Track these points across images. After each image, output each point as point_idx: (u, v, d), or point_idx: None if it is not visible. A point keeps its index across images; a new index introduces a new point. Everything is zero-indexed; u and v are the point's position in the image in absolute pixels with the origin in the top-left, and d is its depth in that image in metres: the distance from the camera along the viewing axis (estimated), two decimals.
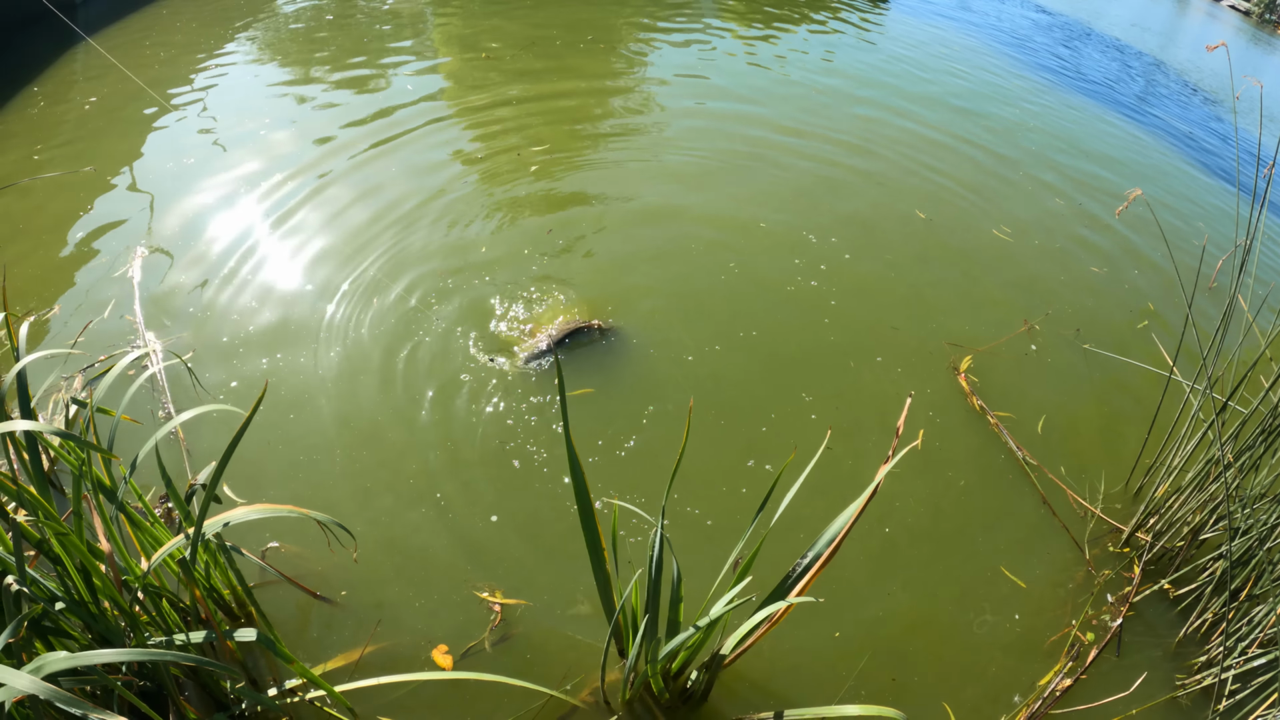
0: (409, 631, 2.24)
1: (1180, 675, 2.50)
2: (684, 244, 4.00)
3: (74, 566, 1.84)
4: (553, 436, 2.86)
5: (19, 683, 1.42)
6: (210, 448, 2.68)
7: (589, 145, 4.96)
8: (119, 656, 1.48)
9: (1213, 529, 2.74)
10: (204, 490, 1.94)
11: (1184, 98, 8.23)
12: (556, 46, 6.43)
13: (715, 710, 2.17)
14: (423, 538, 2.50)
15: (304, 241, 3.78)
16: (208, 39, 6.12)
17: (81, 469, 1.82)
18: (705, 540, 2.59)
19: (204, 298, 3.35)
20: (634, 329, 3.39)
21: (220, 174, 4.24)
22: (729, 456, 2.89)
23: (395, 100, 5.24)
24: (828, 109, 5.81)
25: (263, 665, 2.16)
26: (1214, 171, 6.28)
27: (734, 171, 4.77)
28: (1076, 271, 4.32)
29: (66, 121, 4.66)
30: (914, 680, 2.33)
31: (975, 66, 7.33)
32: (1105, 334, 3.80)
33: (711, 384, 3.18)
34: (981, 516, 2.84)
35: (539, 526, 2.58)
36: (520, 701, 2.11)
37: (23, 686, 1.41)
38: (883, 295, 3.82)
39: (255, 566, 2.33)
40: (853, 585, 2.56)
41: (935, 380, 3.35)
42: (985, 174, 5.24)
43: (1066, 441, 3.18)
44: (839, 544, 1.88)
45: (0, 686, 1.45)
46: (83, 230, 3.72)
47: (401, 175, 4.36)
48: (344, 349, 3.15)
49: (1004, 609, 2.58)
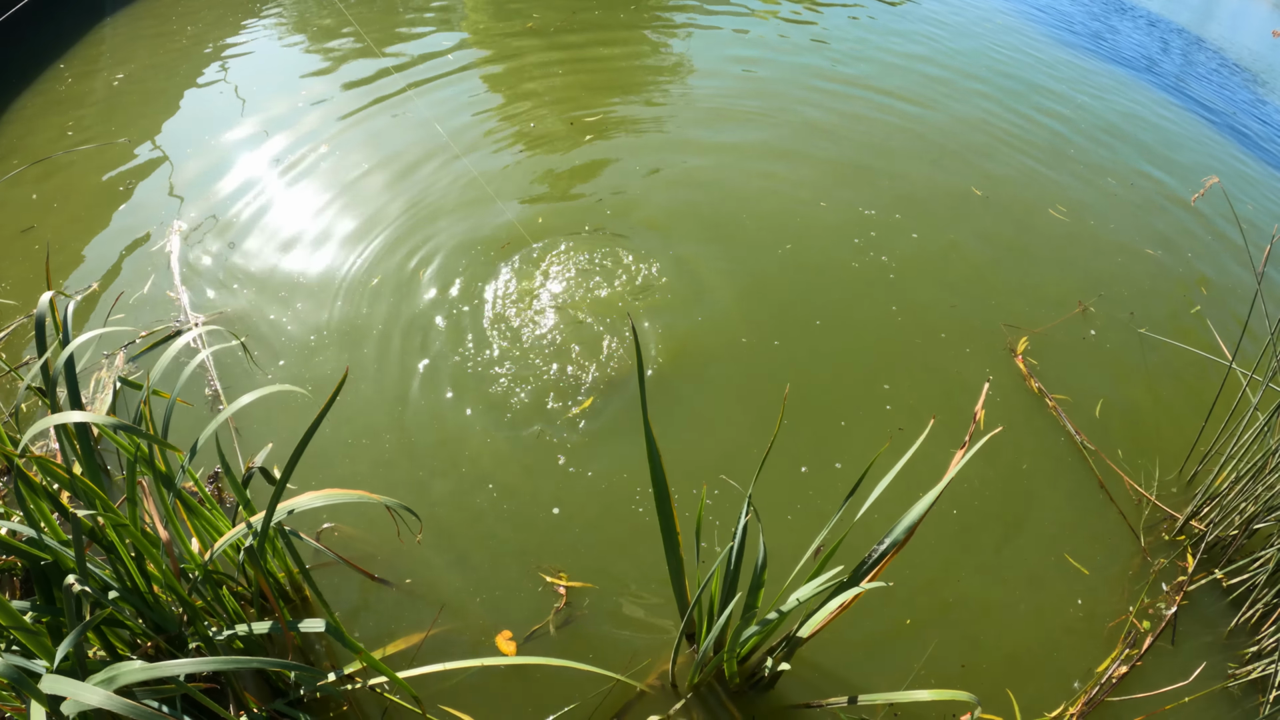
0: (471, 616, 2.20)
1: (1232, 665, 2.50)
2: (740, 219, 3.88)
3: (128, 555, 1.76)
4: (616, 424, 2.77)
5: (91, 698, 1.33)
6: (260, 425, 2.58)
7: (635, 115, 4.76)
8: (196, 667, 1.41)
9: (1266, 519, 2.73)
10: (264, 476, 1.85)
11: (1224, 77, 8.00)
12: (595, 16, 6.12)
13: (783, 695, 2.15)
14: (485, 523, 2.43)
15: (345, 215, 3.65)
16: (237, 14, 5.80)
17: (136, 455, 1.72)
18: (781, 529, 2.55)
19: (245, 272, 3.22)
20: (693, 307, 3.29)
21: (255, 147, 4.09)
22: (801, 444, 2.84)
23: (437, 70, 4.99)
24: (874, 86, 5.58)
25: (320, 649, 2.11)
26: (1264, 155, 6.13)
27: (786, 145, 4.60)
28: (1132, 253, 4.21)
29: (96, 97, 4.44)
30: (982, 665, 2.32)
31: (1015, 44, 7.03)
32: (1160, 317, 3.73)
33: (782, 369, 3.11)
34: (1042, 501, 2.81)
35: (606, 511, 2.52)
36: (586, 686, 2.08)
37: (96, 701, 1.33)
38: (944, 273, 3.73)
39: (310, 548, 2.26)
40: (923, 569, 2.53)
41: (995, 362, 3.29)
42: (1039, 151, 5.07)
43: (1122, 426, 3.13)
44: (914, 530, 1.83)
45: (62, 700, 1.37)
46: (117, 205, 3.58)
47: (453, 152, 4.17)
48: (394, 325, 3.04)
49: (1066, 595, 2.57)
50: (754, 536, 2.45)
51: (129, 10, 5.79)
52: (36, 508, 1.66)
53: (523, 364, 2.93)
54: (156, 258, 3.21)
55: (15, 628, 1.53)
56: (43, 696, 1.30)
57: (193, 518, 1.88)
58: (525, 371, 2.90)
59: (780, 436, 2.82)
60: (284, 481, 1.58)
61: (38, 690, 1.34)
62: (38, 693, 1.30)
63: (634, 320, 3.06)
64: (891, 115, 5.14)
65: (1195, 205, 4.65)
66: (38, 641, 1.65)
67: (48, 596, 1.76)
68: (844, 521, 1.93)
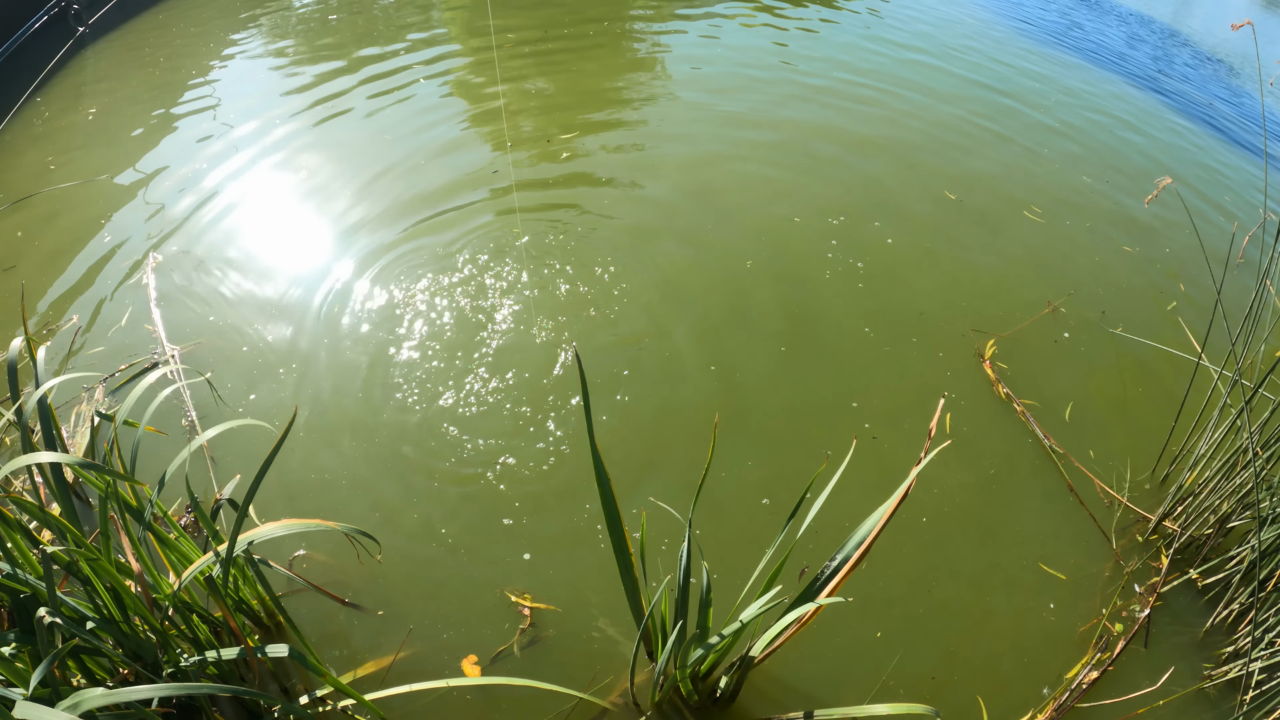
0: (437, 640, 2.25)
1: (1208, 665, 2.49)
2: (716, 223, 3.98)
3: (103, 586, 1.84)
4: (574, 443, 2.84)
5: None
6: (234, 456, 2.67)
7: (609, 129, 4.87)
8: (156, 692, 1.48)
9: (1241, 517, 2.72)
10: (231, 507, 1.93)
11: (1201, 69, 7.99)
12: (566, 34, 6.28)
13: (744, 710, 2.18)
14: (450, 547, 2.50)
15: (323, 243, 3.76)
16: (215, 38, 6.01)
17: (107, 491, 1.81)
18: (741, 542, 2.59)
19: (220, 304, 3.32)
20: (666, 307, 3.36)
21: (232, 177, 4.21)
22: (757, 460, 2.89)
23: (416, 93, 5.14)
24: (845, 92, 5.65)
25: (293, 673, 2.18)
26: (1239, 145, 6.11)
27: (756, 155, 4.68)
28: (1109, 251, 4.23)
29: (76, 130, 4.60)
30: (953, 676, 2.33)
31: (986, 47, 7.07)
32: (1134, 316, 3.73)
33: (750, 382, 3.18)
34: (1012, 506, 2.83)
35: (566, 533, 2.58)
36: (550, 704, 2.12)
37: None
38: (915, 279, 3.78)
39: (283, 575, 2.33)
40: (895, 581, 2.57)
41: (965, 367, 3.32)
42: (1012, 152, 5.10)
43: (1094, 428, 3.14)
44: (868, 548, 1.86)
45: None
46: (95, 239, 3.70)
47: (428, 168, 4.30)
48: (360, 358, 3.13)
49: (1038, 601, 2.58)
50: (714, 559, 2.50)
51: (110, 36, 5.94)
52: (13, 543, 1.75)
53: (496, 391, 3.00)
54: (135, 290, 3.33)
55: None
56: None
57: (166, 550, 1.96)
58: (499, 398, 2.98)
59: (746, 455, 2.87)
60: (243, 512, 1.66)
61: (10, 717, 1.42)
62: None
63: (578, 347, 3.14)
64: (864, 121, 5.20)
65: (1181, 200, 4.64)
66: (16, 671, 1.74)
67: (27, 628, 1.85)
68: (788, 540, 1.97)
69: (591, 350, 3.18)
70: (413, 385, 2.99)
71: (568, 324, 3.29)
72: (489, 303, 3.37)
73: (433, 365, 3.08)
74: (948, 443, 2.06)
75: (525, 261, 3.61)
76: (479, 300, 3.38)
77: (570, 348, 3.10)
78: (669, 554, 2.52)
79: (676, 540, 2.54)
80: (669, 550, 2.53)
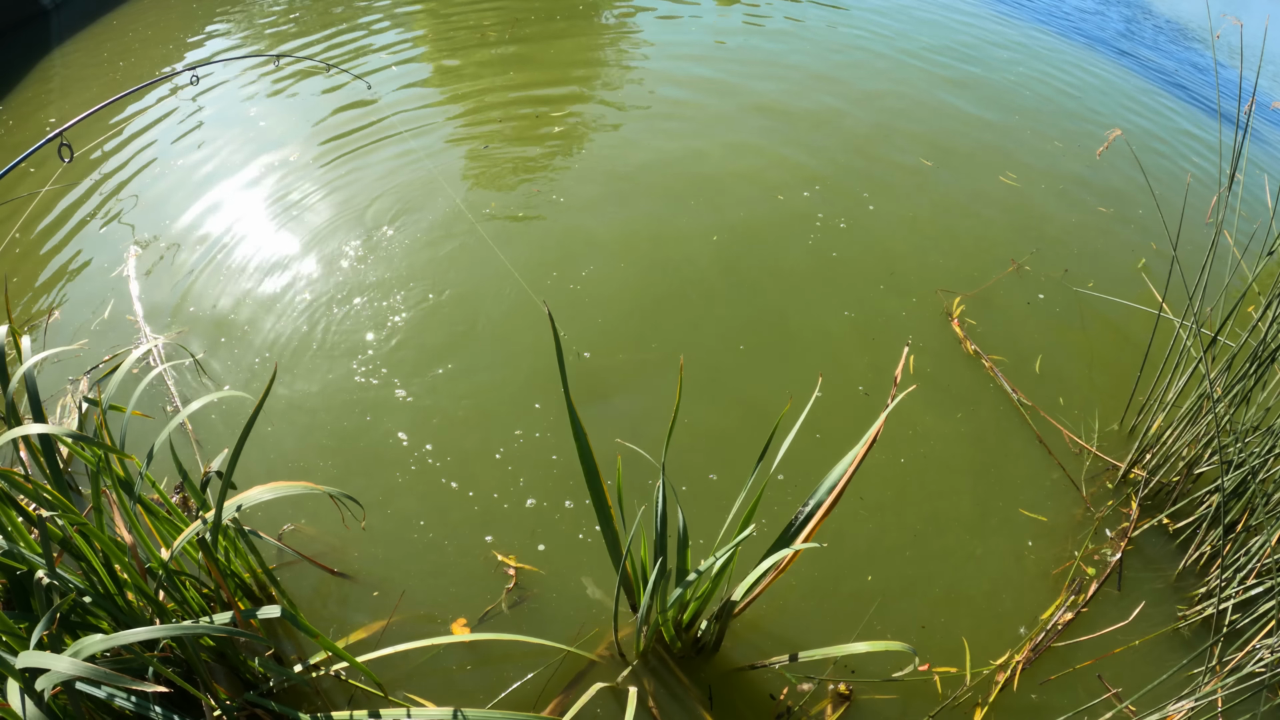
0: (427, 604, 2.31)
1: (1181, 607, 2.56)
2: (688, 203, 4.07)
3: (99, 561, 1.90)
4: (553, 410, 2.91)
5: (61, 665, 1.47)
6: (220, 437, 2.74)
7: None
8: (154, 634, 1.55)
9: (1208, 463, 2.80)
10: (219, 477, 2.00)
11: (1167, 37, 8.18)
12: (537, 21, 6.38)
13: (728, 658, 2.24)
14: (434, 511, 2.57)
15: (295, 227, 3.83)
16: (185, 32, 6.08)
17: (99, 466, 1.87)
18: (714, 494, 2.67)
19: (198, 291, 3.39)
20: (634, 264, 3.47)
21: (207, 170, 4.26)
22: (730, 408, 2.99)
23: (386, 80, 5.22)
24: (808, 63, 5.79)
25: (288, 645, 2.24)
26: (1201, 107, 6.28)
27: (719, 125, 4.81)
28: (1084, 212, 4.36)
29: (49, 126, 4.66)
30: (938, 620, 2.42)
31: (961, 20, 7.24)
32: (1105, 274, 3.85)
33: (725, 340, 3.28)
34: (983, 457, 2.92)
35: (550, 488, 2.65)
36: (538, 660, 2.19)
37: (65, 669, 1.47)
38: (889, 243, 3.91)
39: (274, 550, 2.39)
40: (882, 526, 2.67)
41: (939, 325, 3.45)
42: (984, 119, 5.24)
43: (1062, 381, 3.24)
44: (840, 492, 1.93)
45: (44, 672, 1.52)
46: (73, 236, 3.76)
47: (397, 158, 4.37)
48: (337, 327, 3.22)
49: (1014, 546, 2.66)
50: (699, 502, 2.58)
51: (82, 34, 5.97)
52: (7, 518, 1.81)
53: (490, 360, 3.08)
54: (115, 283, 3.39)
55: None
56: (17, 673, 1.44)
57: (157, 523, 2.02)
58: (487, 370, 3.05)
59: (726, 410, 2.96)
60: (229, 473, 1.73)
61: (12, 667, 1.48)
62: (12, 669, 1.44)
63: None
64: (838, 94, 5.34)
65: (1139, 161, 4.76)
66: (17, 635, 1.80)
67: (25, 606, 1.91)
68: (761, 480, 2.04)
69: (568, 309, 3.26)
70: (391, 367, 3.06)
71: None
72: (472, 291, 3.45)
73: (425, 342, 3.17)
74: (913, 387, 2.13)
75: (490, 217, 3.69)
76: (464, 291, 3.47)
77: (543, 304, 3.18)
78: (644, 502, 2.59)
79: (646, 492, 2.63)
80: (644, 500, 2.61)
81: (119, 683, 1.49)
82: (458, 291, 3.43)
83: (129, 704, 1.82)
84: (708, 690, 2.16)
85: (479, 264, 3.58)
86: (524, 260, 3.58)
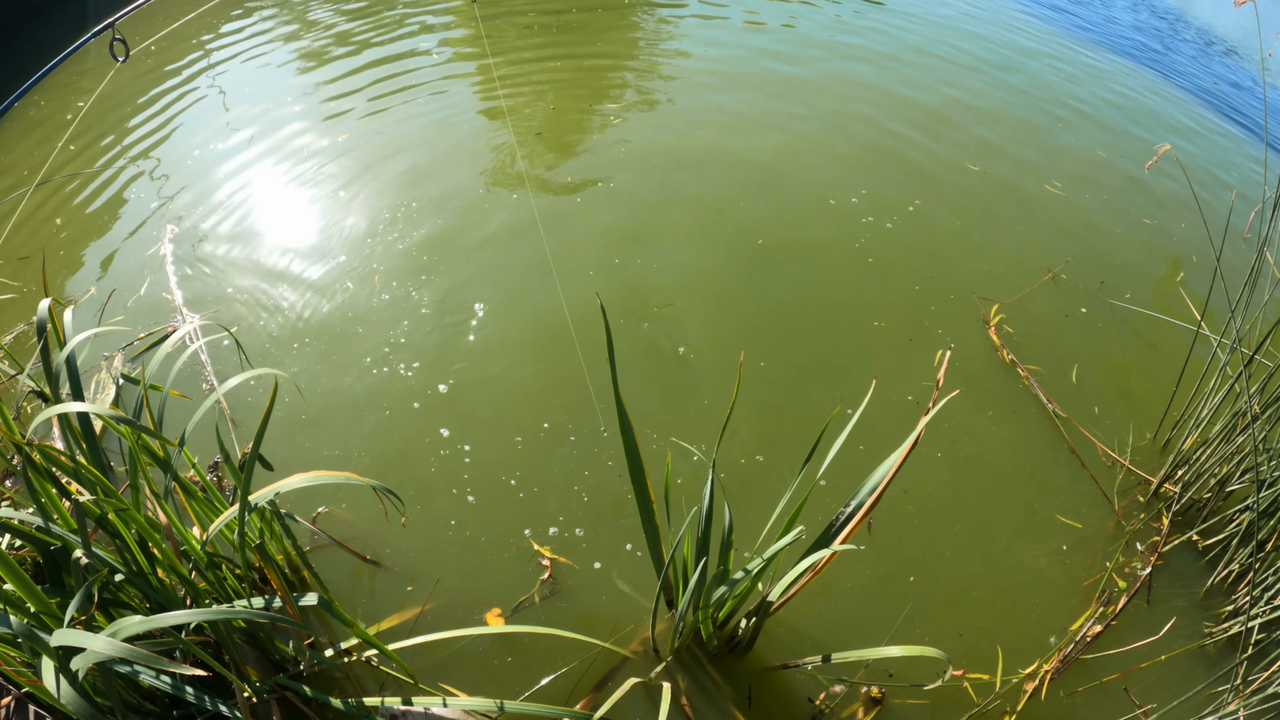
0: (461, 593, 2.30)
1: (1208, 624, 2.56)
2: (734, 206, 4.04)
3: (133, 540, 1.87)
4: (586, 402, 2.88)
5: (98, 645, 1.45)
6: (257, 417, 2.71)
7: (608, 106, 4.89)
8: (192, 617, 1.52)
9: (1240, 481, 2.78)
10: (264, 464, 1.97)
11: (1207, 51, 8.08)
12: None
13: (761, 657, 2.23)
14: (471, 500, 2.54)
15: (331, 209, 3.78)
16: (221, 18, 5.97)
17: (137, 442, 1.83)
18: (757, 493, 2.66)
19: (235, 270, 3.36)
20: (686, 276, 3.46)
21: (242, 150, 4.23)
22: (782, 407, 2.97)
23: (420, 64, 5.13)
24: (856, 70, 5.69)
25: (318, 628, 2.22)
26: (1244, 124, 6.21)
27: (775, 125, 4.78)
28: (1127, 224, 4.32)
29: (84, 110, 4.58)
30: (973, 627, 2.41)
31: (1002, 32, 7.12)
32: (1142, 287, 3.82)
33: (767, 342, 3.27)
34: (1018, 467, 2.91)
35: (591, 482, 2.64)
36: (571, 653, 2.17)
37: (101, 649, 1.44)
38: (933, 248, 3.88)
39: (307, 532, 2.37)
40: (918, 531, 2.66)
41: (975, 333, 3.43)
42: (1029, 128, 5.17)
43: (1097, 394, 3.21)
44: (881, 493, 1.91)
45: (78, 651, 1.49)
46: (111, 213, 3.73)
47: (433, 138, 4.31)
48: (375, 313, 3.17)
49: (1048, 554, 2.66)
50: (736, 502, 2.56)
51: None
52: (45, 494, 1.78)
53: (534, 353, 3.06)
54: (152, 261, 3.36)
55: (33, 598, 1.64)
56: (53, 651, 1.41)
57: (194, 503, 1.99)
58: (531, 363, 3.02)
59: (772, 412, 2.93)
60: (253, 455, 1.68)
61: (48, 645, 1.45)
62: (48, 648, 1.41)
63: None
64: (887, 97, 5.26)
65: (1188, 178, 4.71)
66: (52, 612, 1.77)
67: (57, 581, 1.89)
68: (806, 483, 2.02)
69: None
70: (433, 358, 3.02)
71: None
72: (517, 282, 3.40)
73: (468, 341, 3.12)
74: (956, 392, 2.10)
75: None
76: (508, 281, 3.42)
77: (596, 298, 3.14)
78: (690, 503, 2.58)
79: (693, 493, 2.60)
80: (689, 500, 2.59)
81: (156, 665, 1.47)
82: (507, 281, 3.39)
83: (158, 682, 1.80)
84: (746, 690, 2.15)
85: (527, 255, 3.54)
86: (574, 254, 3.54)
